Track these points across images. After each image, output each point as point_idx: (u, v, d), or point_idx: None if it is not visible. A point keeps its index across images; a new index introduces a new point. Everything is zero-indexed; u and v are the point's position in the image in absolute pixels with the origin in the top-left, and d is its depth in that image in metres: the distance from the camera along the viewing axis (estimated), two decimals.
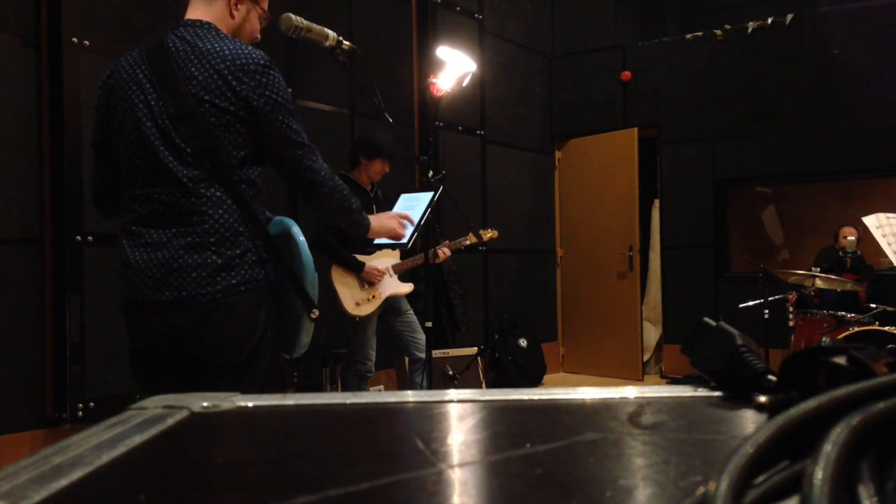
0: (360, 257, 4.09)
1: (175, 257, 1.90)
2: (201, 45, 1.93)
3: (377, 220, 2.35)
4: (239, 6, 2.06)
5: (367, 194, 4.19)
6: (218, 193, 1.91)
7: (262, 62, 1.95)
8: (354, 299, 4.07)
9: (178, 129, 1.91)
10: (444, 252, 4.26)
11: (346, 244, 4.08)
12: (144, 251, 1.95)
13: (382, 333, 4.32)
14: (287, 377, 4.62)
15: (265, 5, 2.14)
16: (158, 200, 1.94)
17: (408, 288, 4.28)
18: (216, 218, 1.91)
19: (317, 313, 2.03)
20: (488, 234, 4.40)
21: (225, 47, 1.94)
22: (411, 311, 4.37)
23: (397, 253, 4.17)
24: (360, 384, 4.15)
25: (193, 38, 1.95)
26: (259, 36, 2.15)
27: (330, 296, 4.07)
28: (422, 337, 4.23)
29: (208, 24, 2.00)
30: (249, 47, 1.98)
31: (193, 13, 2.03)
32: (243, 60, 1.93)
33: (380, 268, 4.12)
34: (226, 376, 1.94)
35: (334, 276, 4.06)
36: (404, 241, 3.44)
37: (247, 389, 0.79)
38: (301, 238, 2.05)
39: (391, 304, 4.24)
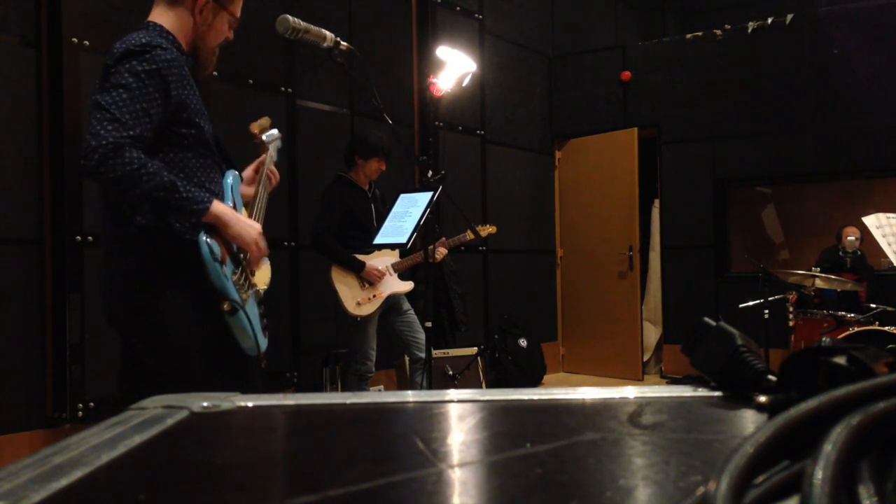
0: (360, 257, 4.09)
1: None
2: (113, 47, 1.97)
3: (236, 224, 2.04)
4: (203, 12, 2.08)
5: (365, 194, 4.19)
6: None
7: (115, 56, 1.92)
8: (355, 299, 4.07)
9: None
10: (441, 252, 4.28)
11: (345, 244, 4.09)
12: None
13: (383, 333, 4.32)
14: (280, 377, 4.61)
15: (237, 11, 2.16)
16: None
17: (408, 286, 4.27)
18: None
19: (227, 306, 1.97)
20: (486, 230, 4.40)
21: (119, 43, 1.95)
22: (412, 311, 4.36)
23: (396, 252, 4.17)
24: (361, 384, 4.15)
25: (116, 43, 1.98)
26: (231, 36, 2.17)
27: (331, 296, 4.08)
28: (422, 336, 4.23)
29: (146, 23, 2.05)
30: (129, 40, 1.95)
31: (151, 16, 2.08)
32: (112, 54, 1.94)
33: (380, 267, 4.12)
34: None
35: (334, 277, 4.06)
36: (403, 240, 3.45)
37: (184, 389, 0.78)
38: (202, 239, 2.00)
39: (391, 303, 4.24)
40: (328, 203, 4.11)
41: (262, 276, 2.24)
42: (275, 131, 2.37)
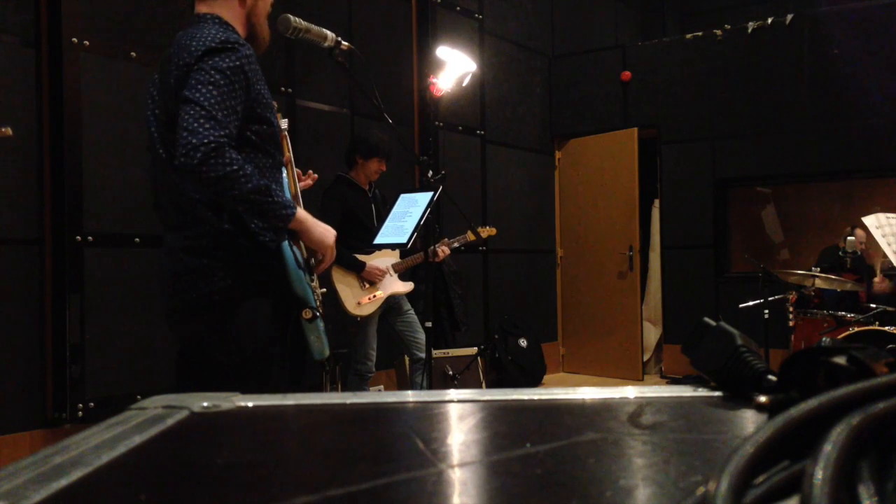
0: (360, 257, 4.09)
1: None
2: (183, 42, 1.95)
3: (316, 228, 2.08)
4: None
5: (365, 194, 4.19)
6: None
7: (196, 54, 1.90)
8: (356, 299, 4.07)
9: (163, 137, 1.95)
10: (443, 251, 4.27)
11: (346, 245, 4.08)
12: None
13: (383, 333, 4.32)
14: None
15: None
16: (169, 205, 2.05)
17: (408, 287, 4.28)
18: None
19: (307, 314, 1.99)
20: (486, 232, 4.41)
21: (193, 39, 1.93)
22: (412, 311, 4.36)
23: (397, 252, 4.17)
24: (361, 384, 4.15)
25: (181, 38, 1.97)
26: (269, 8, 2.17)
27: (331, 296, 4.07)
28: (423, 336, 4.23)
29: (203, 15, 2.03)
30: (205, 37, 1.92)
31: (199, 8, 2.07)
32: (191, 51, 1.91)
33: (380, 267, 4.12)
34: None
35: (335, 277, 4.06)
36: (404, 240, 3.45)
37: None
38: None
39: (392, 303, 4.25)
40: (328, 203, 4.10)
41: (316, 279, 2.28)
42: (280, 115, 2.41)
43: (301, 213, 1.99)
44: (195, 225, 1.96)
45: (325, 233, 2.07)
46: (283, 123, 2.37)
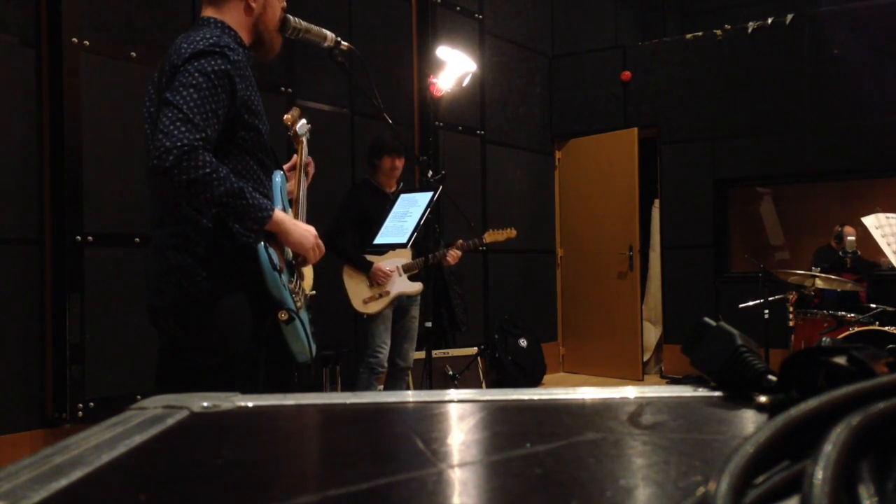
0: (370, 257, 4.20)
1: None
2: (179, 43, 1.95)
3: (295, 230, 2.06)
4: None
5: (383, 195, 4.25)
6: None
7: (185, 55, 1.89)
8: (362, 297, 4.21)
9: (152, 130, 1.95)
10: (454, 254, 4.34)
11: (362, 245, 4.18)
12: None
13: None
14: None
15: None
16: (156, 201, 2.06)
17: (417, 287, 4.37)
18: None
19: (284, 315, 1.98)
20: (505, 234, 4.51)
21: (186, 41, 1.93)
22: (415, 320, 4.43)
23: (408, 253, 4.24)
24: (371, 377, 4.28)
25: (179, 39, 1.97)
26: (284, 5, 2.18)
27: (332, 295, 4.15)
28: (410, 348, 4.39)
29: (207, 19, 2.04)
30: (197, 40, 1.92)
31: (205, 12, 2.08)
32: (181, 52, 1.91)
33: (386, 269, 4.22)
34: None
35: (345, 275, 4.22)
36: (404, 240, 3.46)
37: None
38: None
39: (403, 303, 4.35)
40: (344, 205, 4.28)
41: (307, 280, 2.26)
42: (304, 121, 2.39)
43: (279, 214, 1.98)
44: (180, 222, 1.97)
45: (305, 234, 2.06)
46: (303, 129, 2.37)
